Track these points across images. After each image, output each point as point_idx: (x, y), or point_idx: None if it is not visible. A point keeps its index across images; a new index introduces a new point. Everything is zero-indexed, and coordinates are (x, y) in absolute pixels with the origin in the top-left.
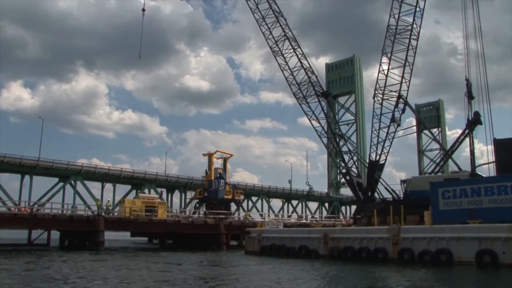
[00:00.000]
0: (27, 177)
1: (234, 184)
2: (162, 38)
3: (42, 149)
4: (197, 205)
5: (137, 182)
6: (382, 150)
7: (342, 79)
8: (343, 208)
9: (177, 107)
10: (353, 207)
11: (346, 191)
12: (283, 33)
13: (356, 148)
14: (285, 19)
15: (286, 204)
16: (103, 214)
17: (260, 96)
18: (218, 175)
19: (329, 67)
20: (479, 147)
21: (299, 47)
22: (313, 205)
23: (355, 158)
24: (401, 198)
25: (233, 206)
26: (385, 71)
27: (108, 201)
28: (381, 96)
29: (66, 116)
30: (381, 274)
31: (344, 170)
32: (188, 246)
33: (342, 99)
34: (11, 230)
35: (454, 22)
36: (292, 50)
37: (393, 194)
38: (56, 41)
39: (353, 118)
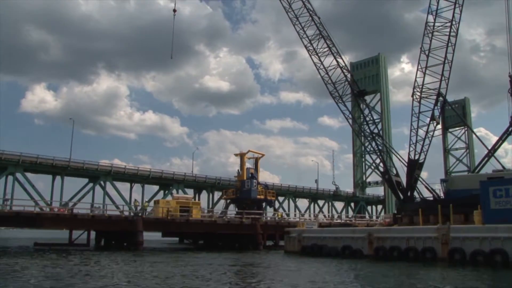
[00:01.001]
0: (57, 178)
1: (266, 184)
2: (182, 39)
3: (64, 150)
4: (229, 205)
5: (165, 182)
6: (421, 148)
7: (367, 78)
8: (368, 207)
9: (197, 108)
10: (379, 207)
11: (371, 191)
12: (317, 32)
13: (383, 147)
14: (319, 18)
15: (312, 204)
16: (140, 214)
17: (280, 96)
18: (250, 175)
19: (353, 66)
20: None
21: (334, 45)
22: (338, 205)
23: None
24: (442, 197)
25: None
26: (423, 69)
27: (146, 201)
28: (419, 94)
29: (88, 118)
30: (436, 274)
31: (382, 170)
32: (222, 246)
33: (367, 98)
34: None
35: (475, 18)
36: (327, 49)
37: (434, 193)
38: (77, 44)
39: (378, 117)
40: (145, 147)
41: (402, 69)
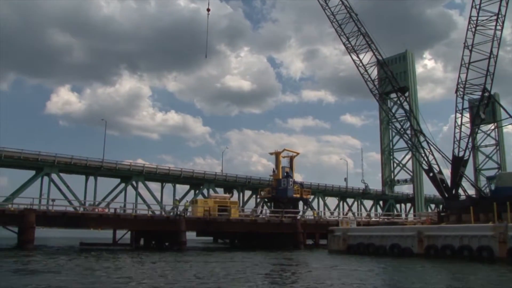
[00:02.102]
0: (90, 178)
1: (301, 182)
2: (203, 39)
3: (90, 151)
4: (263, 204)
5: (196, 182)
6: (466, 145)
7: (394, 75)
8: (397, 206)
9: (219, 107)
10: (408, 205)
11: (400, 189)
12: (356, 29)
13: (411, 146)
14: (356, 14)
15: (341, 202)
16: (182, 214)
17: (302, 94)
18: (285, 173)
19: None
20: None
21: (373, 42)
22: (366, 203)
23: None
24: (489, 195)
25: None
26: (467, 65)
27: (187, 201)
28: (462, 90)
29: (111, 118)
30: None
31: (426, 167)
32: (261, 245)
33: (393, 95)
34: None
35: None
36: (366, 46)
37: (480, 191)
38: (100, 46)
39: (404, 114)
40: (168, 147)
41: (425, 66)
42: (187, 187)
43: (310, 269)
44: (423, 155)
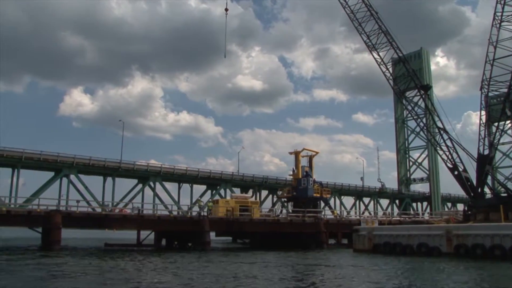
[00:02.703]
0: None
1: (321, 182)
2: (214, 39)
3: (103, 152)
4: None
5: (213, 182)
6: (491, 143)
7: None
8: (413, 204)
9: (231, 107)
10: (425, 204)
11: (416, 188)
12: (377, 27)
13: (427, 144)
14: (376, 12)
15: (358, 201)
16: (206, 214)
17: (313, 93)
18: (304, 173)
19: (395, 61)
20: None
21: (394, 40)
22: (382, 202)
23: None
24: None
25: None
26: (491, 61)
27: (209, 201)
28: (487, 87)
29: (124, 119)
30: None
31: (450, 165)
32: (283, 245)
33: (408, 94)
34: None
35: None
36: (387, 44)
37: (508, 189)
38: (112, 48)
39: (422, 113)
40: (181, 148)
41: (437, 63)
42: (203, 187)
43: (346, 269)
44: (447, 153)
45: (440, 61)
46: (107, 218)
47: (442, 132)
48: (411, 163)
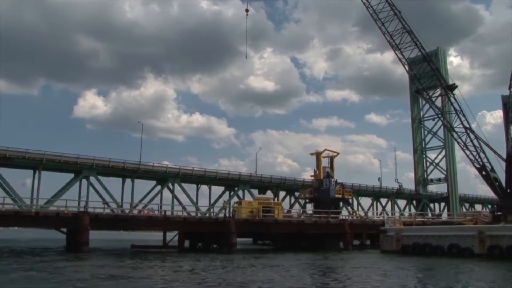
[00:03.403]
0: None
1: (342, 183)
2: (225, 41)
3: (116, 153)
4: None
5: (231, 183)
6: None
7: (425, 73)
8: (431, 205)
9: (244, 108)
10: (442, 204)
11: (433, 188)
12: (400, 26)
13: (444, 144)
14: (399, 12)
15: (375, 202)
16: (232, 215)
17: (326, 94)
18: (326, 174)
19: (411, 61)
20: None
21: (417, 40)
22: (400, 203)
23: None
24: None
25: None
26: None
27: (235, 202)
28: None
29: (137, 121)
30: None
31: (478, 166)
32: (307, 246)
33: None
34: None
35: None
36: (411, 43)
37: None
38: (125, 50)
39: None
40: (193, 149)
41: (451, 63)
42: (221, 188)
43: (384, 270)
44: (475, 153)
45: (453, 61)
46: (133, 220)
47: (469, 131)
48: (428, 164)
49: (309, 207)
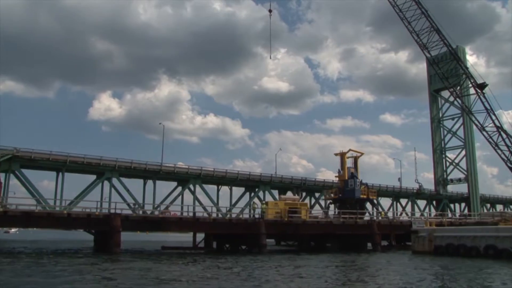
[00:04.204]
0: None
1: (366, 183)
2: (239, 42)
3: (131, 155)
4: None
5: (252, 184)
6: None
7: (447, 72)
8: (451, 205)
9: (258, 109)
10: (462, 205)
11: (454, 188)
12: (427, 25)
13: (464, 144)
14: (426, 11)
15: (395, 202)
16: (261, 217)
17: (340, 94)
18: (350, 174)
19: (430, 60)
20: None
21: (445, 38)
22: (419, 203)
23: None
24: None
25: None
26: None
27: (263, 203)
28: None
29: (151, 123)
30: None
31: (511, 165)
32: (334, 247)
33: (445, 93)
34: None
35: None
36: (439, 41)
37: None
38: (139, 52)
39: (459, 112)
40: (208, 150)
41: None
42: (241, 189)
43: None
44: (507, 153)
45: (469, 59)
46: (163, 221)
47: (500, 131)
48: (447, 164)
49: (331, 208)
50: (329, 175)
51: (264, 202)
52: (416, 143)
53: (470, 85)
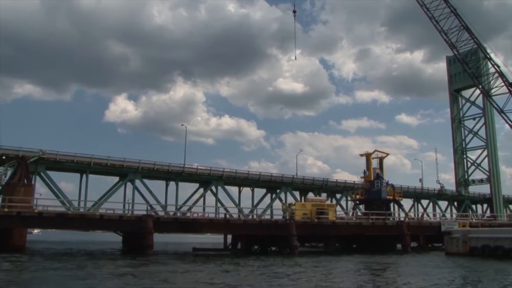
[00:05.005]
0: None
1: (392, 184)
2: (253, 43)
3: (148, 156)
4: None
5: (274, 185)
6: None
7: (465, 72)
8: (473, 206)
9: (273, 110)
10: (485, 206)
11: (475, 189)
12: (457, 23)
13: (486, 144)
14: (455, 9)
15: (416, 203)
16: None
17: (355, 95)
18: (376, 175)
19: (450, 60)
20: None
21: (475, 36)
22: (441, 204)
23: None
24: None
25: None
26: None
27: (293, 205)
28: None
29: (167, 125)
30: None
31: None
32: (363, 248)
33: (465, 93)
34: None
35: None
36: (468, 40)
37: None
38: (154, 54)
39: (480, 111)
40: (223, 152)
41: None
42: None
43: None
44: None
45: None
46: (194, 222)
47: None
48: (469, 164)
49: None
50: (345, 176)
51: (293, 203)
52: (433, 143)
53: (502, 84)
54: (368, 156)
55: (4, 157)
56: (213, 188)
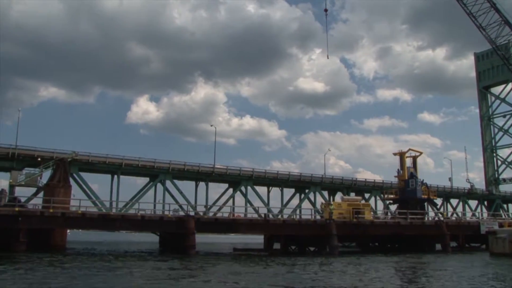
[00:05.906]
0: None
1: (426, 183)
2: (274, 43)
3: (171, 156)
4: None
5: (303, 185)
6: None
7: (494, 68)
8: (504, 205)
9: (294, 110)
10: None
11: (506, 188)
12: (497, 17)
13: None
14: (494, 4)
15: (445, 202)
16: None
17: (377, 94)
18: (410, 174)
19: (478, 56)
20: None
21: None
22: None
23: None
24: None
25: None
26: None
27: (331, 205)
28: None
29: (188, 125)
30: None
31: None
32: (401, 248)
33: (495, 90)
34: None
35: None
36: (510, 35)
37: None
38: (175, 56)
39: (511, 109)
40: (245, 152)
41: None
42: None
43: None
44: None
45: None
46: (234, 223)
47: None
48: (499, 162)
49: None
50: (368, 176)
51: (331, 203)
52: (456, 142)
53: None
54: (402, 155)
55: (39, 159)
56: (243, 188)
